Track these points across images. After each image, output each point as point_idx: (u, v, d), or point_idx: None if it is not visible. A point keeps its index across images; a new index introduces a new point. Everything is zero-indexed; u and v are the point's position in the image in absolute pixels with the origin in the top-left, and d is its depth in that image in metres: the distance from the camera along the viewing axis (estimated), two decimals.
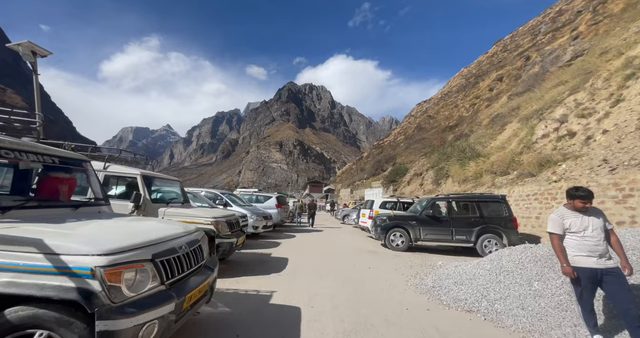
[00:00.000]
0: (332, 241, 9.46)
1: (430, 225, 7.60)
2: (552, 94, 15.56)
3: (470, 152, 16.51)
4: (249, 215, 8.50)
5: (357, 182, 62.35)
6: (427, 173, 28.45)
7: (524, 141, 13.39)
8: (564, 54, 18.87)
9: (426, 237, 7.59)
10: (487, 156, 15.43)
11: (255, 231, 8.60)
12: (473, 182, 15.13)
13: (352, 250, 7.75)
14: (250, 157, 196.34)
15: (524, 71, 29.96)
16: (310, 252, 7.07)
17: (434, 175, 22.79)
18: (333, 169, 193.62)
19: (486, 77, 55.19)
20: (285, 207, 12.05)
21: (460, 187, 16.73)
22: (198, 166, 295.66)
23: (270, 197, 11.29)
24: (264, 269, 5.06)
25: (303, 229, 13.33)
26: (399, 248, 7.69)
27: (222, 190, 10.43)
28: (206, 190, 9.14)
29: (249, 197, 11.37)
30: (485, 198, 7.56)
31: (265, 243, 8.14)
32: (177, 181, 5.60)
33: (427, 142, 48.80)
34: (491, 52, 71.33)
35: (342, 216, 17.70)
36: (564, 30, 38.35)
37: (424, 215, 7.69)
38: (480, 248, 7.17)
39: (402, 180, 38.02)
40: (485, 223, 7.29)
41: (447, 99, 65.99)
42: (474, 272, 4.34)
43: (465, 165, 16.72)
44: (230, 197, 9.89)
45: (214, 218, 4.47)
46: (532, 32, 59.46)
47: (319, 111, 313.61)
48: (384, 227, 7.87)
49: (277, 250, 7.08)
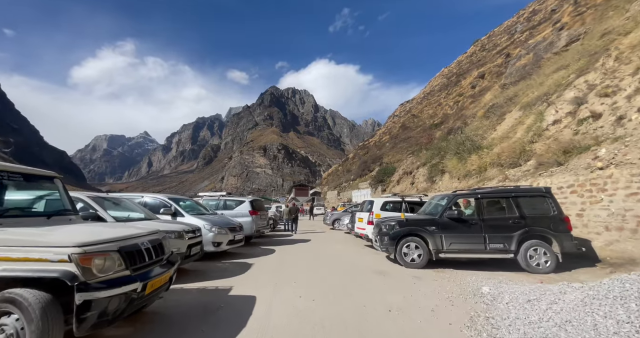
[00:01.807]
0: (323, 256, 7.26)
1: (455, 230, 5.61)
2: (554, 79, 14.31)
3: (470, 145, 14.94)
4: (207, 228, 6.17)
5: (343, 183, 60.59)
6: (417, 170, 27.00)
7: (533, 129, 11.88)
8: (558, 40, 17.97)
9: (451, 248, 5.59)
10: (489, 148, 13.88)
11: (217, 249, 6.27)
12: (477, 176, 13.50)
13: (353, 271, 5.60)
14: (233, 163, 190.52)
15: (509, 65, 29.45)
16: (292, 281, 4.84)
17: (428, 172, 21.23)
18: (318, 172, 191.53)
19: (467, 75, 55.54)
20: (263, 213, 9.74)
21: (460, 183, 15.10)
22: (179, 173, 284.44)
23: (243, 201, 8.95)
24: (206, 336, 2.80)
25: (285, 239, 11.05)
26: (415, 265, 5.63)
27: (177, 195, 8.00)
28: (150, 196, 6.72)
29: (215, 202, 8.99)
30: (524, 192, 5.68)
31: (228, 267, 5.82)
32: (51, 178, 3.24)
33: (414, 140, 47.94)
34: (470, 52, 72.51)
35: (331, 221, 15.56)
36: (543, 26, 38.85)
37: (445, 217, 5.70)
38: (524, 260, 5.25)
39: (391, 179, 36.60)
40: (528, 226, 5.40)
41: (430, 98, 66.07)
42: (578, 319, 2.33)
43: (465, 159, 15.14)
44: (190, 204, 7.51)
45: (80, 246, 2.16)
46: (509, 31, 60.84)
47: (303, 115, 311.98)
48: (393, 235, 5.80)
49: (242, 281, 4.79)
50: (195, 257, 5.04)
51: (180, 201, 7.26)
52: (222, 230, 6.38)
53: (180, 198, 7.46)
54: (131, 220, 4.50)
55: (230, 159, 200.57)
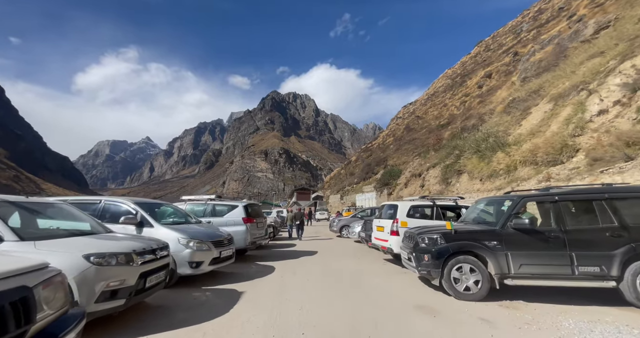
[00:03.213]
0: (337, 278, 5.63)
1: (526, 246, 3.98)
2: (588, 67, 12.73)
3: (494, 142, 13.33)
4: (183, 243, 4.57)
5: (347, 187, 58.87)
6: (428, 172, 25.38)
7: (574, 121, 10.26)
8: (584, 29, 16.47)
9: (521, 272, 3.95)
10: (517, 144, 12.26)
11: (196, 271, 4.65)
12: (505, 176, 11.84)
13: (384, 305, 3.96)
14: (234, 167, 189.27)
15: (522, 62, 28.00)
16: (299, 326, 3.22)
17: (441, 173, 19.58)
18: (320, 176, 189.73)
19: (473, 75, 54.21)
20: (261, 221, 8.10)
21: (483, 184, 13.44)
22: (180, 178, 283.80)
23: (235, 206, 7.32)
24: None
25: (287, 251, 9.40)
26: (471, 296, 4.00)
27: (152, 200, 6.43)
28: (111, 201, 5.14)
29: (202, 208, 7.38)
30: (625, 193, 4.06)
31: (207, 301, 4.19)
32: None
33: (419, 142, 46.33)
34: (474, 53, 71.29)
35: (338, 227, 13.88)
36: (554, 23, 37.51)
37: (510, 228, 4.07)
38: (632, 290, 3.61)
39: (397, 182, 34.97)
40: (635, 241, 3.76)
41: (434, 99, 64.65)
42: None
43: (488, 157, 13.51)
44: (168, 210, 5.94)
45: None
46: (514, 31, 59.60)
47: (304, 119, 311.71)
48: (437, 252, 4.18)
49: (222, 330, 3.17)
50: (156, 289, 3.44)
51: (155, 207, 5.69)
52: (203, 245, 4.77)
53: (155, 204, 5.88)
54: (50, 237, 2.92)
55: (232, 163, 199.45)
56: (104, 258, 2.81)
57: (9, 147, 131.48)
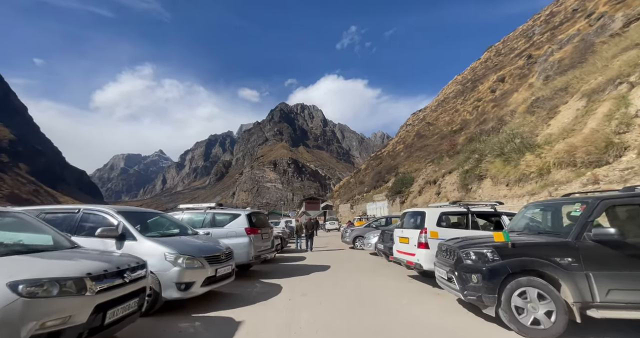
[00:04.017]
0: (356, 301, 4.65)
1: (614, 265, 2.97)
2: (623, 60, 11.62)
3: (521, 143, 12.21)
4: (170, 259, 3.76)
5: (357, 196, 57.45)
6: (443, 178, 24.12)
7: (617, 116, 9.13)
8: (611, 23, 15.42)
9: (611, 299, 2.92)
10: (549, 144, 11.11)
11: (185, 294, 3.80)
12: (538, 180, 10.66)
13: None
14: (244, 178, 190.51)
15: (539, 62, 26.89)
16: None
17: (459, 179, 18.34)
18: (328, 185, 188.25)
19: (484, 80, 52.99)
20: (266, 231, 7.23)
21: (511, 189, 12.23)
22: (191, 190, 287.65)
23: (237, 215, 6.47)
24: None
25: (296, 266, 8.44)
26: (542, 333, 2.97)
27: (142, 208, 5.70)
28: (90, 209, 4.42)
29: (201, 217, 6.58)
30: None
31: (193, 335, 3.32)
32: None
33: (431, 148, 44.94)
34: (484, 58, 70.24)
35: (351, 238, 12.81)
36: (569, 24, 36.43)
37: (589, 239, 3.08)
38: None
39: (410, 190, 33.64)
40: None
41: (444, 105, 63.47)
42: None
43: (514, 160, 12.35)
44: (160, 220, 5.20)
45: None
46: (525, 35, 58.47)
47: (312, 129, 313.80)
48: (491, 272, 3.20)
49: None
50: (124, 324, 2.60)
51: (145, 217, 4.95)
52: (195, 261, 3.93)
53: (145, 213, 5.14)
54: None
55: (241, 174, 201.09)
56: (40, 287, 2.02)
57: (30, 162, 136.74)
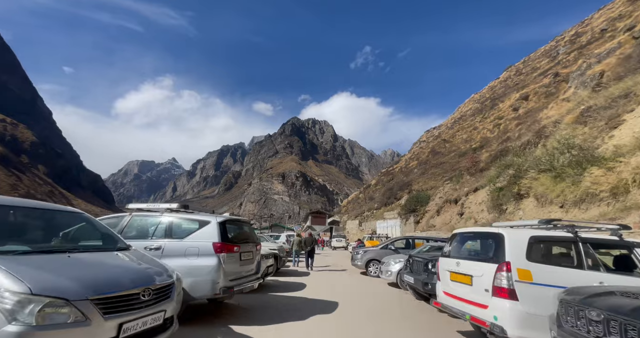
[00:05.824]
0: None
1: None
2: None
3: (582, 156, 9.86)
4: (8, 304, 1.73)
5: (366, 212, 54.49)
6: (467, 197, 21.46)
7: None
8: None
9: None
10: (620, 157, 8.74)
11: None
12: (611, 200, 8.23)
13: None
14: (252, 189, 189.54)
15: (573, 78, 24.88)
16: None
17: (490, 198, 15.83)
18: (336, 200, 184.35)
19: (505, 98, 50.82)
20: (249, 249, 5.04)
21: (567, 212, 9.74)
22: (200, 198, 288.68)
23: (207, 222, 4.36)
24: None
25: (290, 299, 6.20)
26: None
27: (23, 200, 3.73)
28: None
29: (154, 224, 4.52)
30: None
31: None
32: None
33: (448, 165, 42.28)
34: (503, 77, 68.41)
35: (364, 261, 10.39)
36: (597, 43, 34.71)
37: None
38: None
39: (426, 209, 30.83)
40: None
41: (462, 123, 61.12)
42: None
43: (570, 176, 9.94)
44: (85, 223, 3.22)
45: None
46: (549, 55, 56.62)
47: (322, 144, 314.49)
48: None
49: None
50: None
51: (32, 214, 3.00)
52: (65, 309, 1.88)
53: (18, 207, 3.18)
54: None
55: (250, 185, 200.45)
56: None
57: (49, 164, 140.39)
